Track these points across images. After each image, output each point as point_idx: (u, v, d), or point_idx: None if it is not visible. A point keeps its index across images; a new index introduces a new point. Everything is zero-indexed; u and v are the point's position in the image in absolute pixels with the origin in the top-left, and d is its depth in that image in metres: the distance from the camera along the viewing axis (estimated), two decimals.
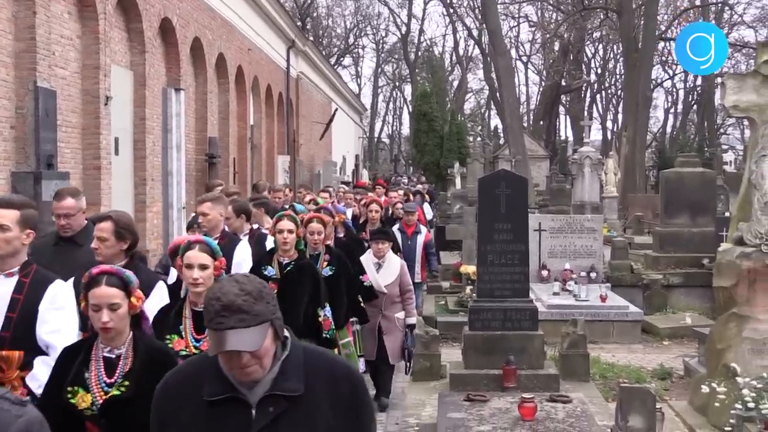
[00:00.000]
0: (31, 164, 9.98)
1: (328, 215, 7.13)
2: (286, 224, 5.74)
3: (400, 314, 7.77)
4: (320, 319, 5.63)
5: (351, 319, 6.75)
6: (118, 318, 3.24)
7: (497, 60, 32.09)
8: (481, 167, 31.81)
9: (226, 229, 6.12)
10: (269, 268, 5.71)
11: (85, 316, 3.37)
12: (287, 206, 8.76)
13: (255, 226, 7.07)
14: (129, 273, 3.38)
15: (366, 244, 8.41)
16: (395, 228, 10.35)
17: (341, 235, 8.12)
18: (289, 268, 5.70)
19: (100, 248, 4.37)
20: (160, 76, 14.95)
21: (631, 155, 30.71)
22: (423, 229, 10.86)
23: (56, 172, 10.32)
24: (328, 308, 5.70)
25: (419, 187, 22.81)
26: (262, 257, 5.88)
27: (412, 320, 7.93)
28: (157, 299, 4.23)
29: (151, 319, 3.89)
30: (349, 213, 11.25)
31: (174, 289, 4.58)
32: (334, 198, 12.28)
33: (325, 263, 6.31)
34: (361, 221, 10.46)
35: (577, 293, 11.34)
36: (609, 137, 58.79)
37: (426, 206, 17.17)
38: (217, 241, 5.69)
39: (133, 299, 3.31)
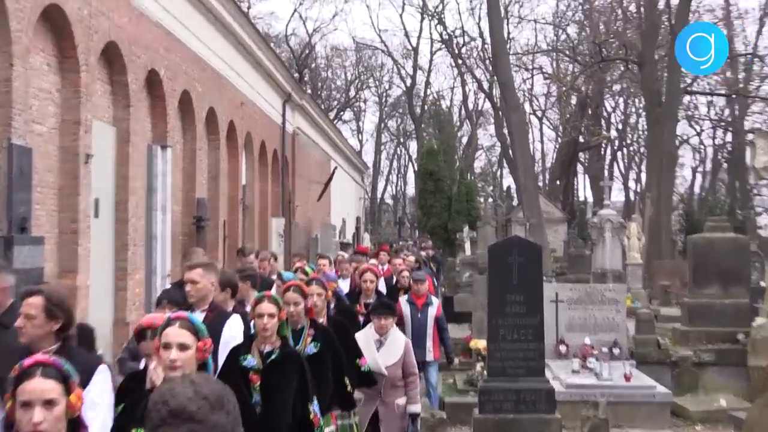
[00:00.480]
0: (3, 228, 9.98)
1: (320, 287, 6.99)
2: (266, 307, 5.38)
3: (401, 400, 7.44)
4: (311, 416, 5.34)
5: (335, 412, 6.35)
6: (53, 419, 2.88)
7: (510, 115, 32.38)
8: (493, 231, 31.82)
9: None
10: (249, 357, 5.37)
11: (11, 419, 2.95)
12: (274, 276, 8.70)
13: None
14: (70, 366, 3.07)
15: (360, 318, 8.26)
16: (404, 299, 10.24)
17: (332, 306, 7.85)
18: (273, 357, 5.36)
19: (26, 327, 4.09)
20: (145, 132, 15.08)
21: (655, 218, 30.77)
22: (434, 300, 10.66)
23: (30, 236, 10.33)
24: (315, 402, 5.43)
25: (422, 253, 22.76)
26: (239, 345, 5.53)
27: (416, 408, 7.57)
28: (99, 388, 3.97)
29: (93, 411, 3.67)
30: (345, 285, 11.08)
31: (141, 375, 4.33)
32: (331, 267, 12.14)
33: (310, 339, 6.07)
34: (357, 291, 10.24)
35: (599, 371, 11.22)
36: (632, 198, 58.93)
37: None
38: (204, 315, 5.64)
39: (72, 397, 2.98)
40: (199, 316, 5.44)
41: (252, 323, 5.54)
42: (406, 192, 79.99)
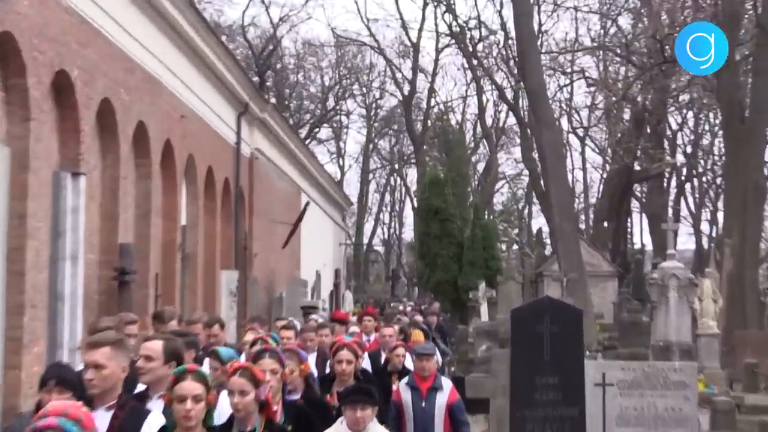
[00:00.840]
0: None
1: (275, 361, 6.90)
2: (189, 387, 5.30)
3: None
4: None
5: None
6: None
7: (541, 133, 32.54)
8: (519, 289, 31.85)
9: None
10: None
11: None
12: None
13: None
14: None
15: (334, 412, 8.17)
16: (403, 383, 10.13)
17: (296, 397, 7.75)
18: None
19: None
20: (50, 155, 15.05)
21: (737, 273, 30.79)
22: (446, 383, 10.49)
23: None
24: None
25: (417, 318, 22.67)
26: None
27: None
28: None
29: None
30: (310, 361, 10.91)
31: None
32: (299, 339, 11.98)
33: None
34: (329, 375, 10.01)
35: None
36: (705, 246, 59.14)
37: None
38: (112, 412, 5.53)
39: None
40: (103, 416, 5.33)
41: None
42: (401, 236, 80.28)
